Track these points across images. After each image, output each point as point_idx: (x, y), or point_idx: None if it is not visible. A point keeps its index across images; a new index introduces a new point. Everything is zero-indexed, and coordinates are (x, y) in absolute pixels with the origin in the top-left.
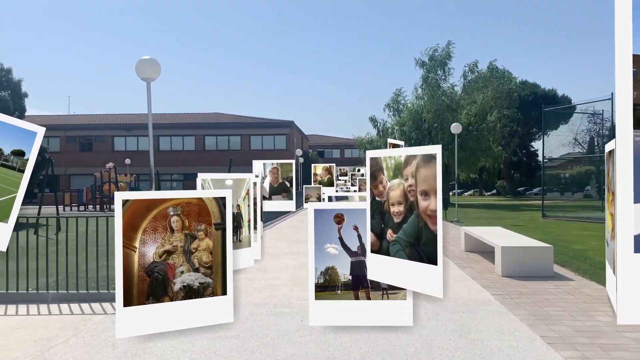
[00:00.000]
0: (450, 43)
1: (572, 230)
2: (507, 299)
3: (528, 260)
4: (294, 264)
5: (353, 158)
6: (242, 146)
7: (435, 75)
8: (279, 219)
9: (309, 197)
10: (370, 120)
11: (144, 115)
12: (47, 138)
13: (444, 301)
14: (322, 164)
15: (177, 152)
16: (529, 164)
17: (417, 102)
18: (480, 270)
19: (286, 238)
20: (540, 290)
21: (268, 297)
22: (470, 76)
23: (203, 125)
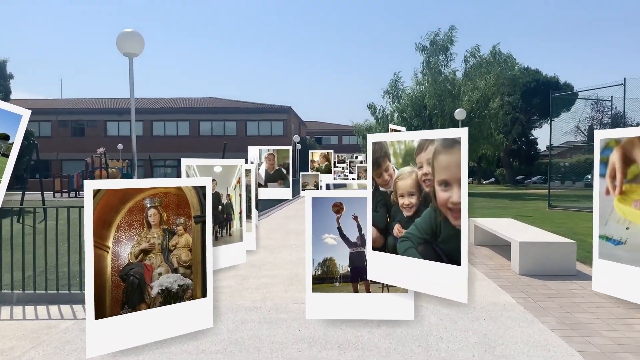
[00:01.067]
0: (453, 28)
1: (583, 221)
2: (531, 303)
3: (549, 257)
4: (290, 258)
5: (351, 145)
6: (238, 132)
7: (436, 60)
8: (274, 208)
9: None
10: (369, 108)
11: (137, 100)
12: (38, 122)
13: (459, 304)
14: (320, 151)
15: (171, 138)
16: (528, 152)
17: (417, 87)
18: (494, 267)
19: (282, 229)
20: (566, 292)
21: (261, 300)
22: (472, 61)
23: (198, 110)
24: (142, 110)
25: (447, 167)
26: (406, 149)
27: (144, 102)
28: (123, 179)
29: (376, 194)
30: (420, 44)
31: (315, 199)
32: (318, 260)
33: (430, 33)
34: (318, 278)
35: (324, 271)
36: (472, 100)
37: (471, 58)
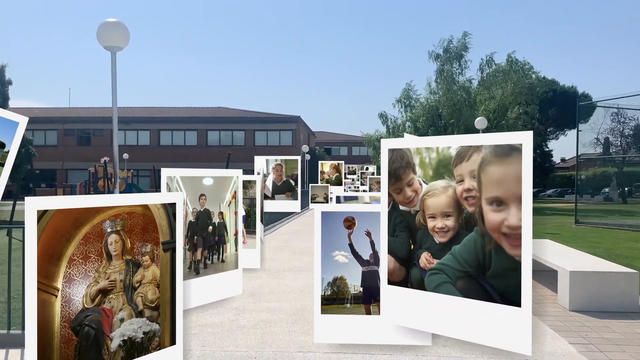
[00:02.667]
0: (467, 34)
1: (621, 241)
2: (597, 354)
3: (606, 291)
4: (296, 285)
5: (361, 156)
6: (246, 142)
7: (450, 68)
8: (281, 222)
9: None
10: (380, 117)
11: (144, 109)
12: (45, 131)
13: (501, 354)
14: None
15: (179, 147)
16: (543, 164)
17: (431, 96)
18: (537, 299)
19: (289, 247)
20: (635, 337)
21: (258, 345)
22: (487, 69)
23: (206, 120)
24: (149, 119)
25: (500, 182)
26: (439, 157)
27: (151, 111)
28: (74, 196)
29: (394, 215)
30: (433, 52)
31: (325, 213)
32: (328, 280)
33: (443, 40)
34: (328, 299)
35: (334, 291)
36: (489, 110)
37: (486, 66)
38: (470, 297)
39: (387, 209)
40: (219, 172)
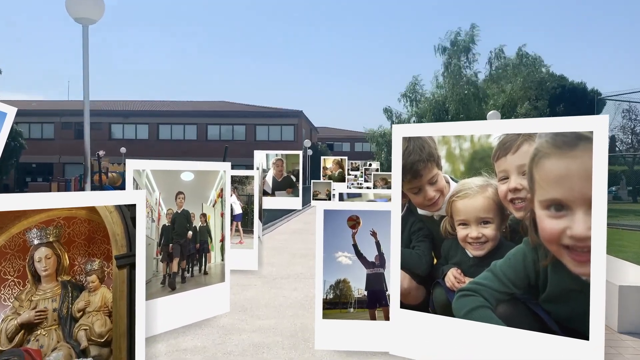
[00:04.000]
0: (475, 26)
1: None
2: None
3: None
4: (295, 297)
5: (364, 152)
6: (247, 136)
7: (458, 62)
8: (281, 220)
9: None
10: (385, 112)
11: (143, 102)
12: (42, 124)
13: None
14: (333, 157)
15: (178, 142)
16: None
17: (437, 91)
18: None
19: (288, 248)
20: None
21: None
22: (495, 63)
23: (206, 114)
24: (148, 112)
25: (561, 180)
26: (474, 148)
27: (150, 104)
28: None
29: (410, 221)
30: (440, 45)
31: (328, 212)
32: (330, 282)
33: (451, 33)
34: (330, 302)
35: (337, 295)
36: (498, 105)
37: (495, 60)
38: (516, 325)
39: (401, 213)
40: (202, 165)
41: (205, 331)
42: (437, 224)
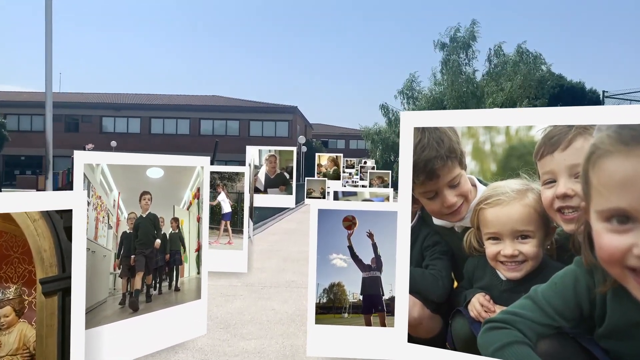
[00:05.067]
0: (475, 22)
1: None
2: None
3: None
4: (286, 312)
5: (359, 149)
6: (241, 132)
7: (457, 59)
8: (273, 218)
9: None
10: (381, 108)
11: (135, 95)
12: (31, 116)
13: None
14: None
15: (170, 136)
16: None
17: (435, 88)
18: None
19: (280, 251)
20: None
21: None
22: (495, 60)
23: (199, 108)
24: (140, 105)
25: (628, 184)
26: (510, 143)
27: (142, 97)
28: None
29: (423, 233)
30: (439, 41)
31: (323, 211)
32: (324, 286)
33: (450, 29)
34: (323, 307)
35: (331, 299)
36: (497, 103)
37: (495, 57)
38: None
39: (411, 223)
40: (174, 160)
41: (179, 355)
42: (458, 238)
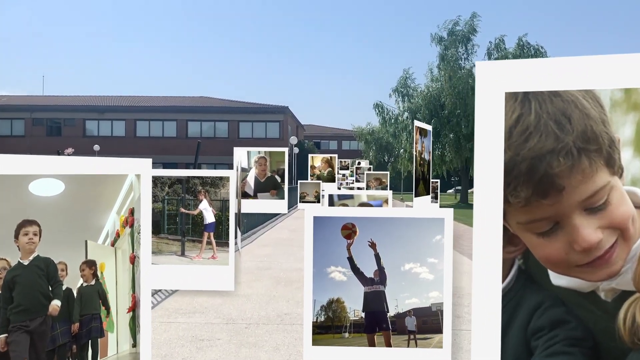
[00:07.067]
0: (475, 15)
1: None
2: None
3: None
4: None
5: (352, 150)
6: (230, 133)
7: (455, 53)
8: (264, 226)
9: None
10: (376, 107)
11: (119, 97)
12: (11, 120)
13: None
14: (321, 155)
15: (156, 139)
16: None
17: (432, 84)
18: None
19: (271, 269)
20: None
21: None
22: (495, 54)
23: (186, 109)
24: (125, 108)
25: None
26: None
27: (127, 99)
28: None
29: (531, 301)
30: (436, 35)
31: (318, 219)
32: (321, 302)
33: (449, 22)
34: (321, 327)
35: (329, 317)
36: None
37: (495, 51)
38: None
39: (502, 283)
40: (85, 165)
41: None
42: (606, 313)
